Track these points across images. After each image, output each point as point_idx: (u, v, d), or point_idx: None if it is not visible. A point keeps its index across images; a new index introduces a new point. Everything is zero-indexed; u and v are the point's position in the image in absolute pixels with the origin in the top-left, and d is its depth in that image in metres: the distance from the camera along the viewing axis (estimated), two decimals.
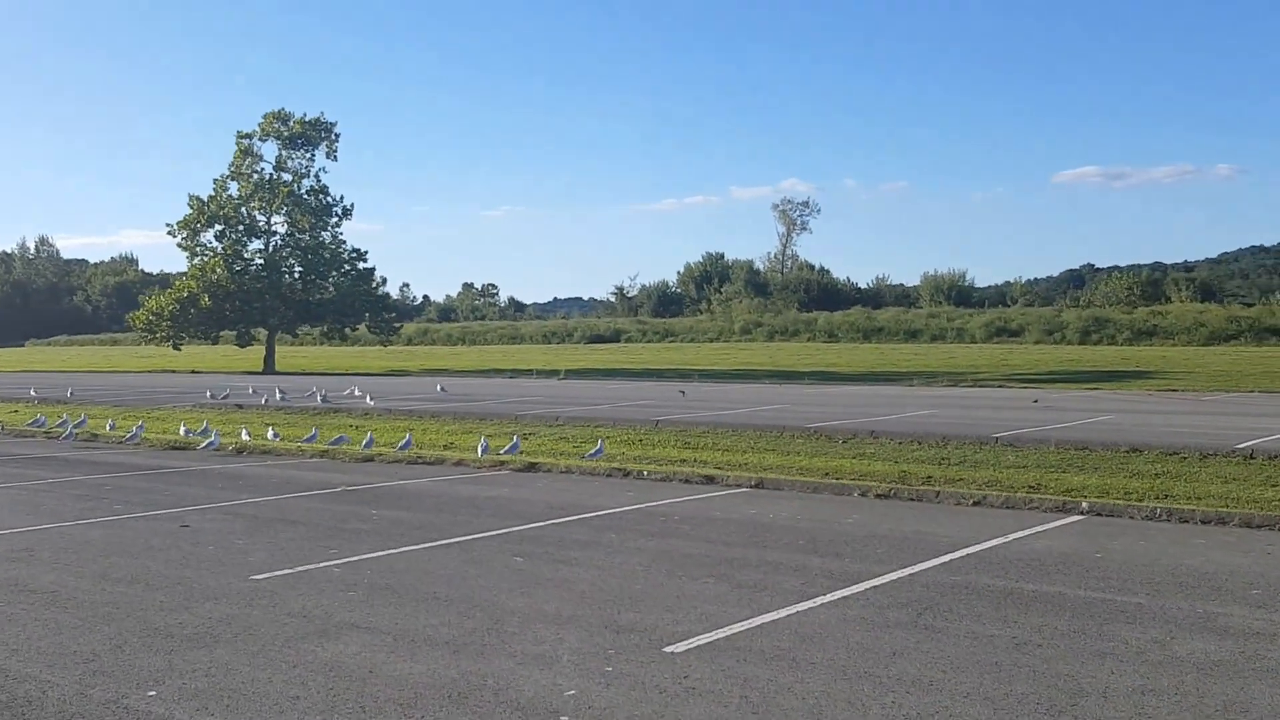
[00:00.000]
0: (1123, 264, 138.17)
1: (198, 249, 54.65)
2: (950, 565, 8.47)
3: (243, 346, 55.53)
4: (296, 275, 55.10)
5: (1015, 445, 17.23)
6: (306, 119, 54.39)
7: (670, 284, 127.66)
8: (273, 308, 53.24)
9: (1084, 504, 11.25)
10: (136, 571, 8.26)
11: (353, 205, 55.89)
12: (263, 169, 55.03)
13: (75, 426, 19.92)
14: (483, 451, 15.33)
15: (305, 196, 54.94)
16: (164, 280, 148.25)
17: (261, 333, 55.41)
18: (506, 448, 15.40)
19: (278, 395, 28.77)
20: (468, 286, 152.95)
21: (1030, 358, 53.59)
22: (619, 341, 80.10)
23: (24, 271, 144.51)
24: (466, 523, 10.44)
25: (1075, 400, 28.60)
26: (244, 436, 18.14)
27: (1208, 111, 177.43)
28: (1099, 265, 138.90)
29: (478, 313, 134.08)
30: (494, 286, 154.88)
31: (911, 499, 11.97)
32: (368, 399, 26.97)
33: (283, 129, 54.20)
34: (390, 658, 6.02)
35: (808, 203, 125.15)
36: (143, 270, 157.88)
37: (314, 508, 11.42)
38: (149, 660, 5.99)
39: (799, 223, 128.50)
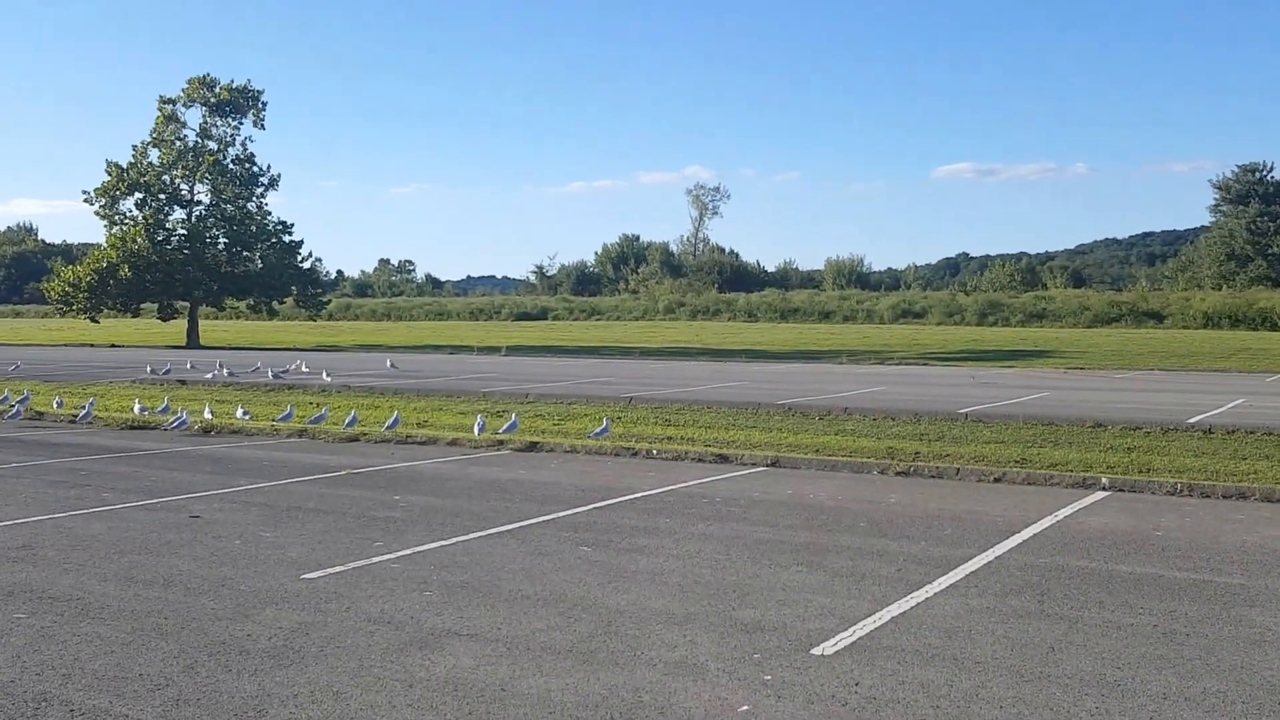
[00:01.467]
0: (994, 253, 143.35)
1: (116, 217, 51.80)
2: (1027, 546, 7.96)
3: (165, 320, 52.89)
4: (221, 247, 52.61)
5: (984, 421, 17.02)
6: (234, 85, 51.85)
7: (589, 264, 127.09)
8: (197, 280, 50.75)
9: (1104, 480, 10.90)
10: (166, 572, 7.25)
11: (279, 175, 53.63)
12: (186, 136, 52.36)
13: (19, 403, 18.29)
14: (480, 430, 14.40)
15: (231, 166, 52.46)
16: (66, 251, 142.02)
17: (184, 306, 52.83)
18: (505, 427, 14.49)
19: (225, 371, 27.16)
20: (384, 262, 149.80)
21: (938, 337, 54.19)
22: (546, 319, 78.98)
23: None
24: (503, 509, 9.58)
25: (1007, 378, 28.71)
26: (207, 415, 16.85)
27: (1068, 113, 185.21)
28: (973, 254, 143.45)
29: (395, 289, 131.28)
30: (411, 263, 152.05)
31: (933, 476, 11.49)
32: (324, 375, 25.60)
33: (208, 95, 51.58)
34: (516, 671, 5.21)
35: (719, 188, 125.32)
36: (43, 240, 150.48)
37: (327, 494, 10.41)
38: (235, 685, 5.07)
39: (710, 207, 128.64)
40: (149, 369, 27.74)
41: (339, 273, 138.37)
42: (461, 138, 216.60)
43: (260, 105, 52.92)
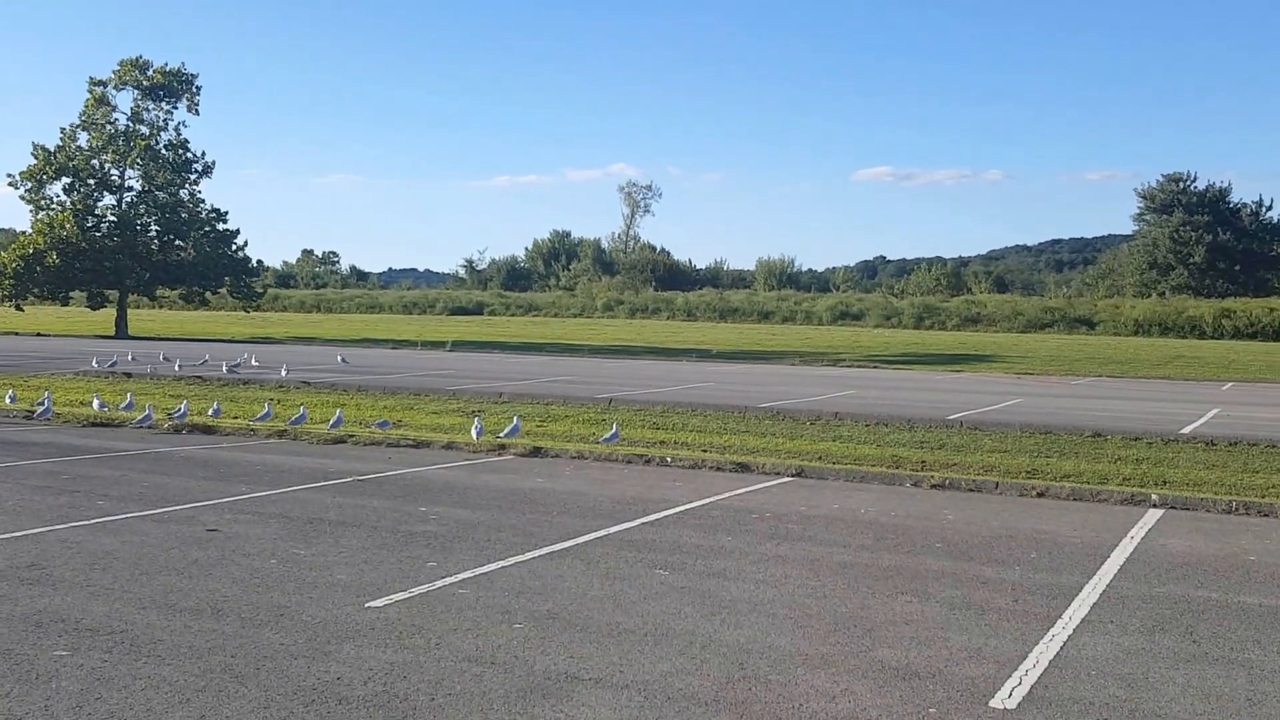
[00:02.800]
0: (910, 256, 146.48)
1: (42, 202, 49.35)
2: (1129, 574, 7.50)
3: (95, 308, 50.56)
4: (153, 234, 50.44)
5: (980, 428, 16.71)
6: (167, 68, 49.74)
7: (519, 259, 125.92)
8: (128, 268, 48.57)
9: (1153, 496, 10.57)
10: (209, 598, 6.41)
11: (214, 163, 51.63)
12: (117, 120, 50.10)
13: None
14: (478, 434, 13.59)
15: (163, 151, 50.34)
16: None
17: (114, 295, 50.57)
18: (506, 430, 13.70)
19: (176, 365, 25.76)
20: (307, 253, 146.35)
21: (879, 340, 54.44)
22: (482, 314, 77.77)
23: None
24: (545, 523, 8.85)
25: (974, 383, 28.67)
26: (183, 411, 15.72)
27: (983, 121, 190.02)
28: (890, 257, 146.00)
29: (319, 280, 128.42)
30: (335, 254, 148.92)
31: (970, 489, 11.05)
32: (282, 370, 24.38)
33: (140, 78, 49.40)
34: None
35: (650, 186, 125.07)
36: None
37: (345, 504, 9.57)
38: None
39: (642, 205, 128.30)
40: (94, 361, 26.19)
41: (259, 262, 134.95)
42: (386, 129, 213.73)
43: (194, 90, 50.89)
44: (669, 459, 12.60)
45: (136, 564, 7.20)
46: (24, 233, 50.09)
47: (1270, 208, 77.59)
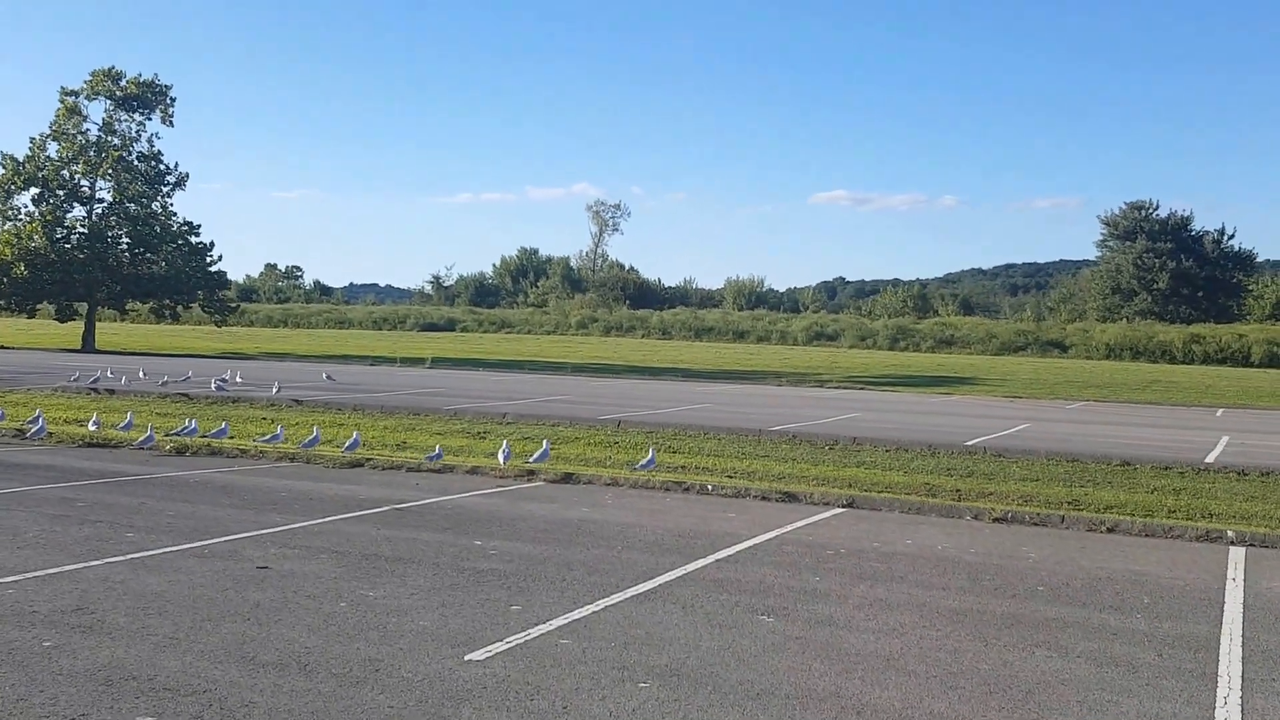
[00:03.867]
0: (868, 278, 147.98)
1: (9, 213, 47.89)
2: (1255, 622, 7.05)
3: (63, 321, 49.09)
4: (124, 247, 49.10)
5: (1004, 455, 16.31)
6: (141, 79, 48.56)
7: (487, 275, 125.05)
8: (98, 281, 47.21)
9: (1229, 533, 10.17)
10: (292, 650, 5.76)
11: (187, 175, 50.42)
12: (88, 130, 48.80)
13: None
14: (505, 458, 12.96)
15: (136, 162, 49.10)
16: None
17: (82, 307, 49.14)
18: (535, 455, 13.07)
19: (160, 382, 24.79)
20: (270, 267, 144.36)
21: (858, 361, 54.32)
22: (454, 330, 76.83)
23: None
24: (614, 559, 8.25)
25: (973, 407, 28.41)
26: (191, 429, 14.96)
27: (939, 148, 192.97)
28: (849, 279, 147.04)
29: (281, 294, 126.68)
30: (299, 269, 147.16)
31: (1035, 524, 10.58)
32: (274, 388, 23.51)
33: (114, 88, 48.17)
34: None
35: (619, 205, 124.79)
36: None
37: (394, 537, 8.90)
38: None
39: (611, 223, 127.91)
40: (73, 377, 25.13)
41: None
42: (347, 145, 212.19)
43: (169, 101, 49.71)
44: (709, 486, 12.05)
45: (194, 608, 6.52)
46: None
47: (1232, 236, 78.78)
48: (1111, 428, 22.42)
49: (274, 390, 22.92)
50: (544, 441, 13.67)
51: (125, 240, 48.92)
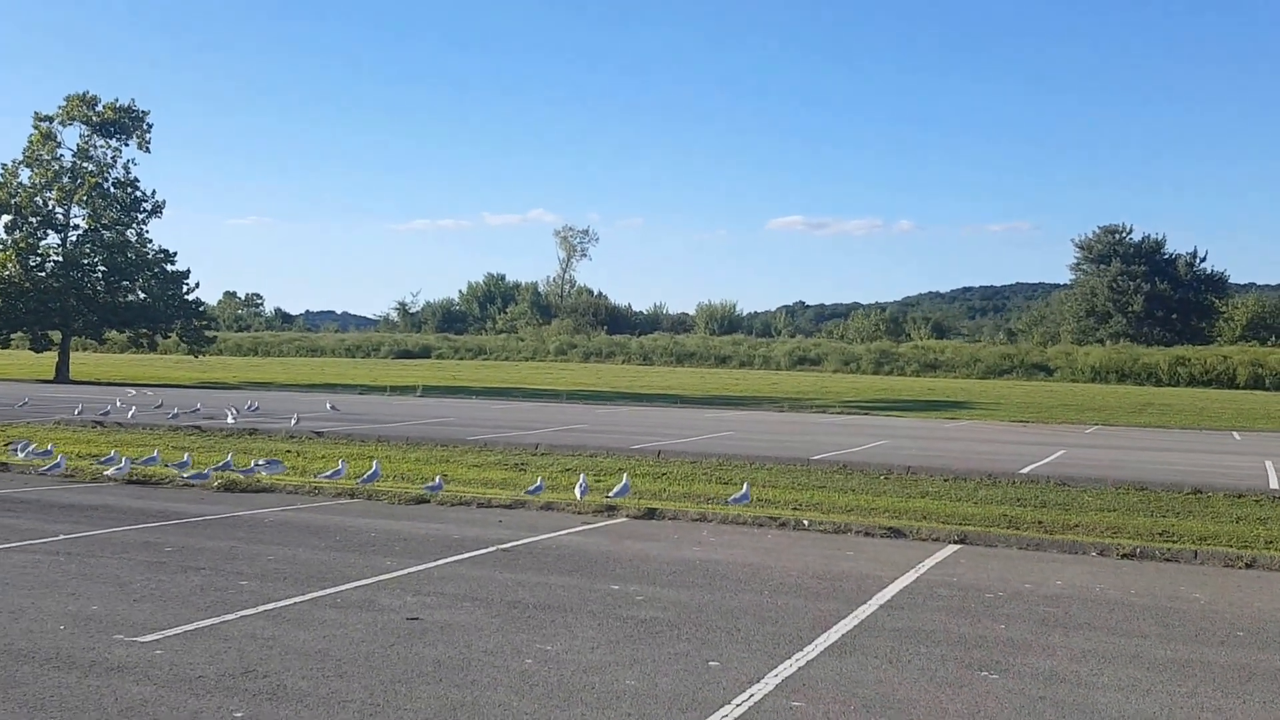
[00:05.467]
0: (828, 302, 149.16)
1: None
2: None
3: (38, 351, 47.69)
4: (100, 275, 47.89)
5: (1069, 484, 15.99)
6: (118, 104, 47.56)
7: (454, 301, 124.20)
8: (75, 309, 45.97)
9: None
10: (515, 717, 5.25)
11: (164, 201, 49.38)
12: (62, 156, 47.67)
13: None
14: (583, 493, 12.47)
15: (111, 189, 48.02)
16: None
17: (57, 336, 47.82)
18: (615, 490, 12.59)
19: (172, 414, 23.94)
20: (230, 295, 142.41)
21: (846, 385, 54.29)
22: (429, 358, 75.88)
23: None
24: (778, 607, 7.79)
25: (992, 432, 28.24)
26: (263, 466, 14.34)
27: (894, 173, 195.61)
28: (809, 302, 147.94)
29: (242, 322, 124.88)
30: (259, 296, 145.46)
31: (1166, 559, 10.25)
32: (293, 419, 22.77)
33: (89, 114, 47.13)
34: None
35: (587, 230, 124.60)
36: None
37: (525, 581, 8.39)
38: None
39: (579, 249, 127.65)
40: (78, 409, 24.21)
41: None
42: (301, 172, 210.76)
43: (145, 126, 48.71)
44: (806, 522, 11.63)
45: (371, 667, 5.98)
46: None
47: (1204, 259, 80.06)
48: (1147, 453, 22.30)
49: (293, 422, 22.20)
50: (624, 476, 13.17)
51: (101, 268, 47.74)
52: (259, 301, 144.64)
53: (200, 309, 51.59)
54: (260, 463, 14.25)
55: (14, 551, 9.06)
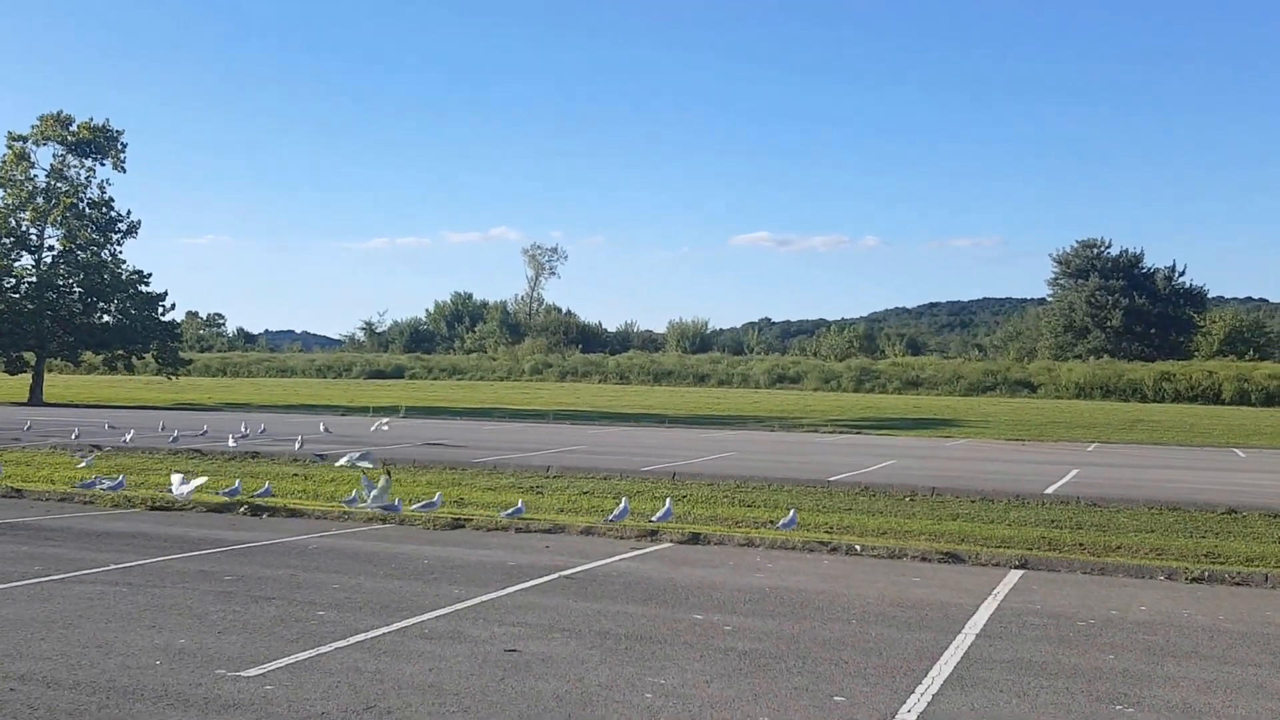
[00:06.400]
0: (793, 319, 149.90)
1: None
2: None
3: (13, 374, 46.83)
4: (75, 296, 47.20)
5: (1099, 505, 16.02)
6: (93, 124, 47.02)
7: (422, 321, 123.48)
8: (50, 331, 45.26)
9: None
10: None
11: (139, 222, 48.83)
12: (36, 176, 47.01)
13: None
14: (621, 517, 12.37)
15: (86, 209, 47.39)
16: None
17: (31, 358, 47.03)
18: (658, 514, 12.50)
19: (173, 437, 23.55)
20: (192, 314, 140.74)
21: (830, 404, 54.46)
22: (403, 378, 75.30)
23: None
24: (868, 636, 7.73)
25: (992, 451, 28.42)
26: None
27: (859, 189, 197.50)
28: (775, 319, 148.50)
29: (204, 342, 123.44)
30: (221, 316, 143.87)
31: (1236, 583, 10.26)
32: (298, 443, 22.47)
33: (64, 133, 46.55)
34: None
35: (555, 249, 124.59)
36: None
37: (605, 611, 8.27)
38: None
39: (547, 267, 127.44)
40: (75, 434, 23.75)
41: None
42: (257, 190, 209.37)
43: (120, 146, 48.21)
44: (858, 547, 11.60)
45: (492, 703, 5.85)
46: None
47: (1183, 273, 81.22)
48: (1159, 471, 22.50)
49: (296, 445, 21.93)
50: (666, 500, 13.08)
51: (77, 289, 47.06)
52: (221, 321, 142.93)
53: (176, 330, 50.95)
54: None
55: (72, 582, 8.83)
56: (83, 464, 16.94)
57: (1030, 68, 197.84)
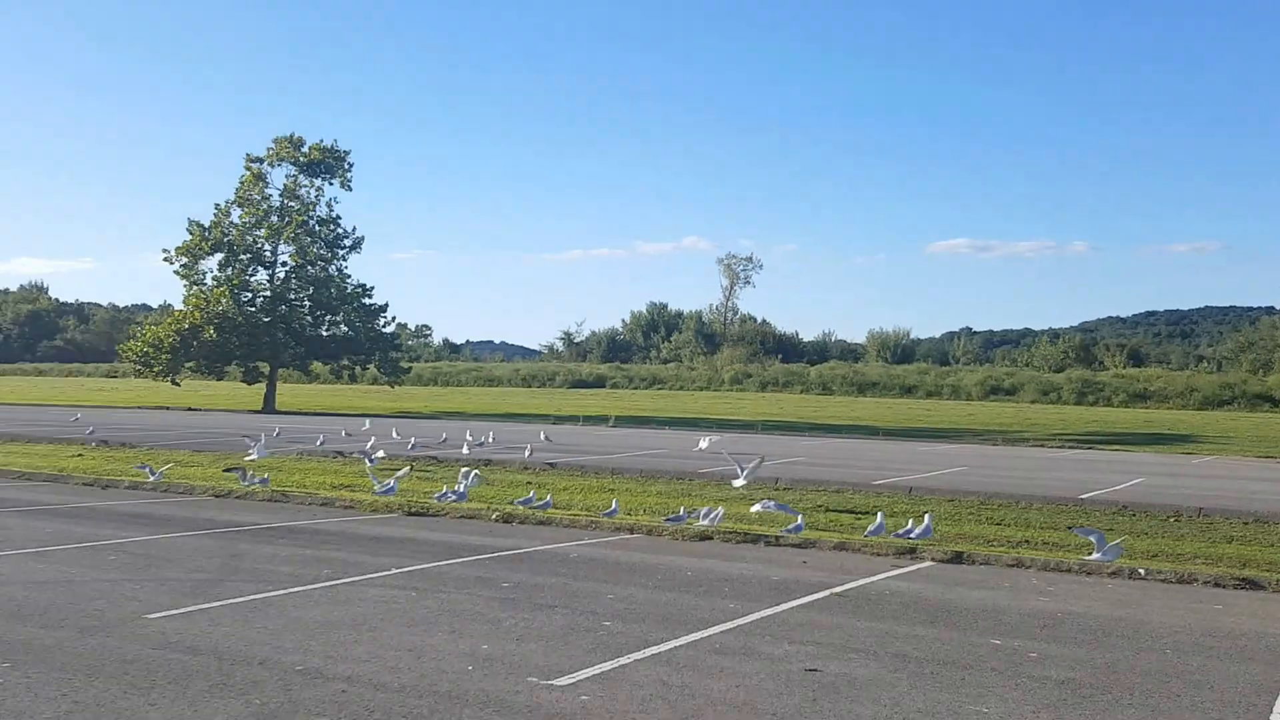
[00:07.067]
0: (996, 328, 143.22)
1: (195, 277, 49.68)
2: None
3: (250, 383, 50.39)
4: (305, 309, 50.38)
5: None
6: (323, 145, 50.07)
7: (618, 331, 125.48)
8: (283, 343, 48.46)
9: None
10: None
11: (363, 238, 51.63)
12: (270, 195, 50.44)
13: (258, 481, 15.90)
14: (878, 532, 12.04)
15: (316, 227, 50.49)
16: (79, 310, 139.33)
17: (265, 369, 50.45)
18: (917, 530, 12.11)
19: (410, 443, 24.70)
20: (402, 326, 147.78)
21: (1053, 417, 52.08)
22: (604, 387, 76.76)
23: None
24: (1181, 667, 7.16)
25: (1250, 470, 26.38)
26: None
27: (1067, 193, 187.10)
28: (976, 329, 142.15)
29: (412, 352, 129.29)
30: (428, 327, 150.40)
31: None
32: (527, 451, 23.14)
33: (296, 154, 49.78)
34: None
35: (750, 258, 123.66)
36: (55, 299, 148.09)
37: (894, 632, 7.99)
38: None
39: (742, 276, 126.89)
40: (320, 440, 25.20)
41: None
42: (457, 205, 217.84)
43: (347, 166, 51.15)
44: (1143, 571, 10.86)
45: None
46: (178, 310, 50.33)
47: None
48: None
49: (526, 454, 22.53)
50: (925, 515, 12.65)
51: (306, 303, 50.17)
52: (428, 332, 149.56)
53: (395, 341, 53.55)
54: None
55: (363, 585, 9.24)
56: (369, 464, 18.54)
57: (1257, 58, 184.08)
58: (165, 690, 6.03)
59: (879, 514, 12.82)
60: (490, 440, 26.43)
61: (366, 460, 19.86)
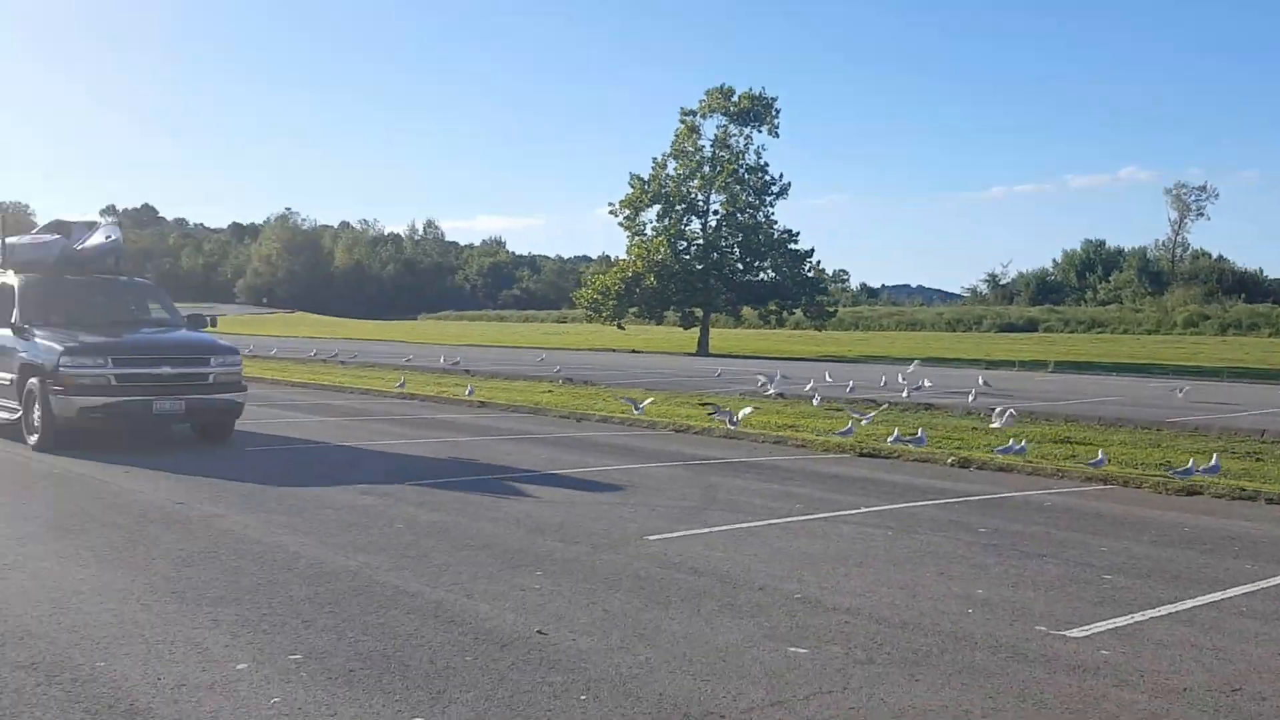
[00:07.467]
0: None
1: (636, 228, 52.95)
2: None
3: (687, 328, 53.25)
4: (735, 256, 52.15)
5: None
6: (751, 93, 51.18)
7: (1049, 271, 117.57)
8: (716, 289, 50.58)
9: None
10: None
11: (789, 184, 52.30)
12: (703, 146, 52.44)
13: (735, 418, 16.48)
14: None
15: (745, 175, 51.85)
16: (532, 262, 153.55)
17: (698, 314, 52.99)
18: None
19: (849, 386, 24.82)
20: (821, 270, 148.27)
21: None
22: (1036, 331, 72.61)
23: (413, 251, 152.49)
24: None
25: None
26: None
27: None
28: None
29: (831, 298, 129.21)
30: (845, 272, 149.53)
31: None
32: (971, 395, 22.37)
33: (726, 104, 51.29)
34: None
35: (1204, 187, 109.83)
36: (512, 252, 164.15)
37: None
38: None
39: (1194, 208, 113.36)
40: (761, 382, 25.87)
41: None
42: (878, 149, 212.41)
43: (774, 113, 51.89)
44: None
45: None
46: (621, 259, 53.99)
47: None
48: None
49: (970, 398, 21.78)
50: None
51: (736, 250, 51.86)
52: (845, 277, 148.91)
53: (821, 285, 53.96)
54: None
55: (836, 522, 9.38)
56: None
57: None
58: (681, 606, 6.45)
59: None
60: (925, 385, 25.77)
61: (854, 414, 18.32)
